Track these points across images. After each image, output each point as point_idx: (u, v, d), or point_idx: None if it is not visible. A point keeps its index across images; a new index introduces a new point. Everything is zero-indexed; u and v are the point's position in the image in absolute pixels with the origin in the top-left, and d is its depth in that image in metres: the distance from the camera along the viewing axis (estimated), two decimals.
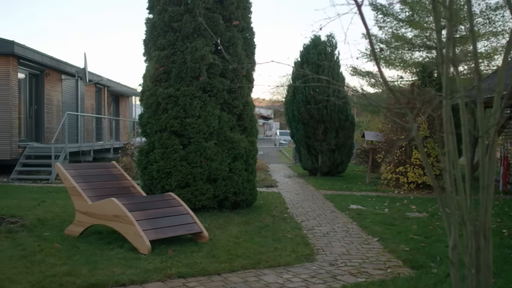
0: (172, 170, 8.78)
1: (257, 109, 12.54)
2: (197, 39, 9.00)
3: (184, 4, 9.14)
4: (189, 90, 8.82)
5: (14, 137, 15.80)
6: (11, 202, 10.01)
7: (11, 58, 15.66)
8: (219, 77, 9.12)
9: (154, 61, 9.08)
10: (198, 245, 6.57)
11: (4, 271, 5.34)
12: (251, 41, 9.85)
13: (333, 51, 17.20)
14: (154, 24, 9.29)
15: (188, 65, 8.84)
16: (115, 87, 26.05)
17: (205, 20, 8.93)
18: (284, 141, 45.37)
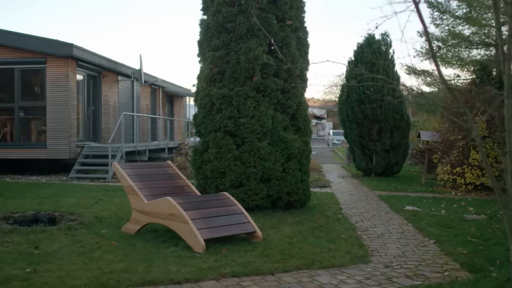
0: (226, 170, 8.84)
1: (310, 109, 12.57)
2: (251, 40, 9.03)
3: (237, 5, 9.19)
4: (243, 90, 8.86)
5: (73, 137, 16.24)
6: (70, 200, 10.29)
7: (70, 60, 16.11)
8: (273, 77, 9.13)
9: (208, 62, 9.17)
10: (251, 244, 6.59)
11: (64, 267, 5.50)
12: (305, 41, 9.81)
13: (387, 49, 16.94)
14: (208, 25, 9.37)
15: (242, 66, 8.89)
16: (170, 88, 26.44)
17: (259, 20, 8.96)
18: (338, 141, 45.01)
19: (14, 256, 5.93)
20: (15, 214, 8.52)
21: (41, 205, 9.52)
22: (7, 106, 16.88)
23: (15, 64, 16.43)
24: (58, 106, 16.05)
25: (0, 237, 6.89)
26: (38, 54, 16.11)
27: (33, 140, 16.79)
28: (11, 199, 10.49)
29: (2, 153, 16.35)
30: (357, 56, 16.88)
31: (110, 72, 19.48)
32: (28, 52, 16.18)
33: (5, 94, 17.13)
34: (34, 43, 16.09)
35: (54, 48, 15.95)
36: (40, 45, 16.04)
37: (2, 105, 17.17)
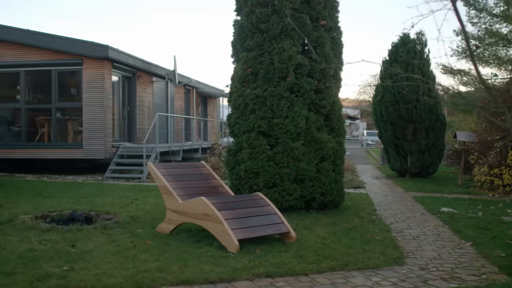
0: (259, 170, 8.85)
1: (343, 109, 12.53)
2: (284, 40, 9.02)
3: (271, 5, 9.18)
4: (277, 91, 8.85)
5: (108, 137, 16.47)
6: (106, 200, 10.43)
7: (105, 61, 16.34)
8: (306, 77, 9.10)
9: (242, 62, 9.18)
10: (285, 245, 6.58)
11: (100, 265, 5.57)
12: (339, 41, 9.76)
13: (423, 49, 16.72)
14: (241, 25, 9.40)
15: (275, 66, 8.88)
16: (203, 89, 26.59)
17: (292, 20, 8.94)
18: (372, 141, 44.64)
19: (52, 254, 6.03)
20: (52, 213, 8.68)
21: (78, 205, 9.68)
22: (45, 107, 17.23)
23: (52, 66, 16.74)
24: (94, 107, 16.30)
25: (39, 235, 7.03)
26: (75, 56, 16.39)
27: (69, 140, 17.08)
28: (48, 198, 10.69)
29: (40, 153, 16.69)
30: (391, 56, 16.71)
31: (145, 73, 19.69)
32: (64, 54, 16.47)
33: (43, 95, 17.49)
34: (70, 45, 16.37)
35: (90, 50, 16.20)
36: (77, 47, 16.31)
37: (40, 106, 17.56)
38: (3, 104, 17.58)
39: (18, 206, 9.45)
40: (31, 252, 6.13)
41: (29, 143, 17.03)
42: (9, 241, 6.69)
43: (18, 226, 7.61)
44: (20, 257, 5.90)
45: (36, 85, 17.71)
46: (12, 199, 10.39)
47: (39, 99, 17.81)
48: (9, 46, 16.94)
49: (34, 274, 5.22)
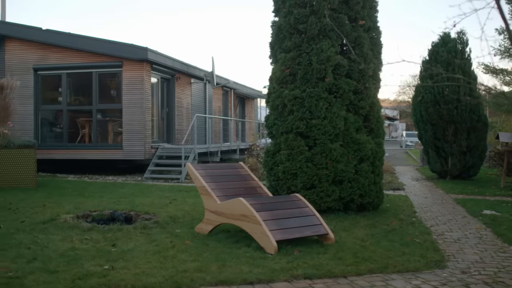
0: (297, 171, 8.82)
1: (382, 110, 12.37)
2: (323, 40, 8.98)
3: (309, 6, 9.15)
4: (315, 92, 8.82)
5: (148, 138, 16.67)
6: (145, 200, 10.56)
7: (144, 63, 16.55)
8: (345, 78, 9.04)
9: (280, 63, 9.18)
10: (324, 246, 6.54)
11: (140, 265, 5.64)
12: (378, 41, 9.66)
13: (464, 48, 16.40)
14: (279, 26, 9.39)
15: (313, 67, 8.84)
16: (241, 90, 26.68)
17: (331, 21, 8.89)
18: (411, 142, 44.07)
19: (93, 253, 6.13)
20: (93, 213, 8.83)
21: (118, 204, 9.82)
22: (86, 108, 17.56)
23: (93, 68, 17.05)
24: (133, 108, 16.53)
25: (80, 234, 7.16)
26: (115, 58, 16.65)
27: (109, 141, 17.37)
28: (89, 198, 10.87)
29: (80, 154, 17.01)
30: (431, 56, 16.45)
31: (183, 75, 19.87)
32: (105, 56, 16.75)
33: (84, 97, 17.83)
34: (111, 47, 16.63)
35: (129, 52, 16.43)
36: (117, 49, 16.57)
37: (81, 108, 17.90)
38: (46, 106, 17.96)
39: (60, 206, 9.65)
40: (73, 251, 6.24)
41: (71, 144, 17.38)
42: (51, 240, 6.83)
43: (61, 225, 7.77)
44: (62, 255, 6.01)
45: (77, 87, 18.06)
46: (54, 199, 10.62)
47: (80, 100, 18.15)
48: (52, 49, 17.32)
49: (76, 272, 5.31)
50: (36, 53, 17.50)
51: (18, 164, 12.86)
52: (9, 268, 5.47)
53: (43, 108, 17.87)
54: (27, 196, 11.03)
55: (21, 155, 12.94)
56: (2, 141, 13.06)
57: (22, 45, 17.67)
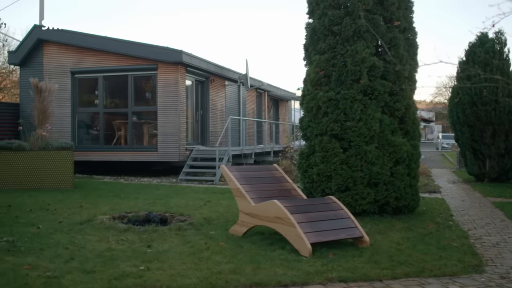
0: (332, 174, 8.77)
1: (417, 112, 12.15)
2: (357, 42, 8.92)
3: (343, 7, 9.10)
4: (350, 93, 8.76)
5: (182, 141, 16.80)
6: (180, 202, 10.63)
7: (179, 66, 16.69)
8: (380, 80, 8.96)
9: (314, 65, 9.14)
10: (358, 249, 6.49)
11: (175, 266, 5.68)
12: (413, 42, 9.55)
13: (502, 48, 16.08)
14: (314, 28, 9.36)
15: (348, 68, 8.79)
16: (275, 92, 26.67)
17: (366, 22, 8.82)
18: (447, 144, 43.45)
19: (129, 254, 6.20)
20: (129, 214, 8.93)
21: (153, 206, 9.92)
22: (122, 111, 17.79)
23: (129, 71, 17.28)
24: (168, 110, 16.69)
25: (116, 235, 7.25)
26: (150, 61, 16.84)
27: (145, 143, 17.56)
28: (125, 199, 11.01)
29: (116, 155, 17.24)
30: (468, 56, 16.18)
31: (217, 77, 19.96)
32: (140, 60, 16.96)
33: (120, 100, 18.07)
34: (146, 50, 16.83)
35: (164, 55, 16.60)
36: (152, 53, 16.75)
37: (117, 110, 18.14)
38: (83, 109, 18.27)
39: (97, 207, 9.79)
40: (109, 251, 6.32)
41: (107, 146, 17.63)
42: (88, 240, 6.94)
43: (97, 226, 7.88)
44: (99, 256, 6.10)
45: (113, 90, 18.32)
46: (91, 200, 10.78)
47: (116, 103, 18.40)
48: (88, 52, 17.61)
49: (112, 273, 5.38)
50: (73, 57, 17.82)
51: (56, 166, 13.10)
52: (48, 267, 5.58)
53: (80, 110, 18.17)
54: (64, 197, 11.23)
55: (59, 157, 13.18)
56: (40, 143, 13.33)
57: (60, 49, 18.02)
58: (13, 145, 13.10)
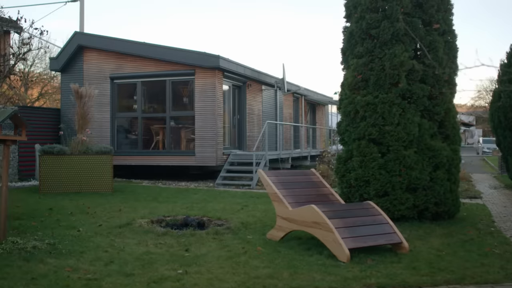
0: (370, 179, 8.69)
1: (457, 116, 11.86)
2: (395, 45, 8.82)
3: (381, 11, 9.02)
4: (388, 97, 8.67)
5: (219, 145, 16.88)
6: (217, 206, 10.68)
7: (216, 71, 16.79)
8: (419, 83, 8.84)
9: (352, 69, 9.08)
10: (397, 255, 6.40)
11: (212, 270, 5.70)
12: (453, 45, 9.40)
13: None
14: (351, 32, 9.30)
15: (386, 72, 8.70)
16: (312, 96, 26.60)
17: (404, 25, 8.73)
18: (488, 149, 42.62)
19: (167, 257, 6.26)
20: (167, 218, 9.01)
21: (191, 210, 9.98)
22: (160, 116, 18.00)
23: (167, 76, 17.47)
24: (205, 115, 16.80)
25: (154, 239, 7.32)
26: (188, 66, 16.99)
27: (182, 148, 17.71)
28: (163, 203, 11.11)
29: (155, 160, 17.43)
30: (510, 59, 15.83)
31: (254, 82, 20.01)
32: (178, 65, 17.12)
33: (158, 105, 18.29)
34: (184, 56, 16.98)
35: (202, 60, 16.72)
36: (189, 58, 16.90)
37: (155, 115, 18.36)
38: (122, 114, 18.54)
39: (135, 211, 9.91)
40: (148, 254, 6.39)
41: (145, 150, 17.84)
42: (127, 243, 7.02)
43: (136, 230, 7.98)
44: (137, 259, 6.17)
45: (151, 95, 18.55)
46: (130, 204, 10.92)
47: (154, 108, 18.62)
48: (127, 58, 17.88)
49: (150, 276, 5.44)
50: (113, 62, 18.11)
51: (96, 170, 13.32)
52: (88, 270, 5.67)
53: (119, 115, 18.44)
54: (104, 201, 11.40)
55: (99, 161, 13.39)
56: (81, 148, 13.58)
57: (100, 55, 18.34)
58: (55, 150, 13.38)
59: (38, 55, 31.36)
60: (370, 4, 8.99)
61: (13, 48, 7.59)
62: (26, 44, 7.38)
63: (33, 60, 31.53)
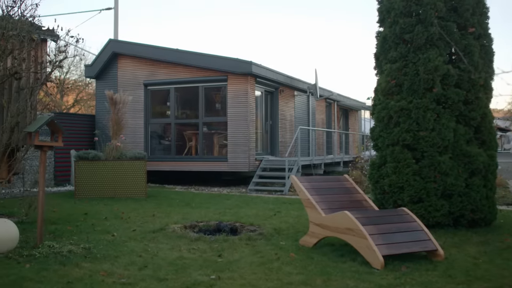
0: (404, 185, 8.58)
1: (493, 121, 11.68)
2: (430, 50, 8.72)
3: (415, 15, 8.93)
4: (422, 103, 8.56)
5: (252, 151, 16.91)
6: (250, 211, 10.69)
7: (249, 77, 16.84)
8: (454, 88, 8.71)
9: (386, 74, 9.01)
10: (432, 263, 6.31)
11: (245, 276, 5.70)
12: (489, 49, 9.24)
13: None
14: (384, 37, 9.23)
15: (420, 77, 8.60)
16: (345, 102, 26.47)
17: (439, 29, 8.63)
18: None
19: (200, 262, 6.28)
20: (200, 223, 9.06)
21: (223, 215, 10.01)
22: (193, 122, 18.14)
23: (199, 82, 17.60)
24: (238, 121, 16.86)
25: (187, 244, 7.36)
26: (220, 73, 17.08)
27: (215, 153, 17.79)
28: (196, 209, 11.17)
29: (187, 165, 17.55)
30: None
31: (287, 88, 20.01)
32: (211, 71, 17.23)
33: (191, 111, 18.43)
34: (216, 62, 17.09)
35: (234, 66, 16.80)
36: (222, 64, 16.99)
37: (188, 121, 18.51)
38: (155, 120, 18.73)
39: (168, 216, 9.98)
40: (181, 260, 6.43)
41: (178, 156, 17.98)
42: (161, 248, 7.08)
43: (169, 235, 8.03)
44: (171, 264, 6.21)
45: (184, 101, 18.70)
46: (163, 209, 11.00)
47: (187, 114, 18.77)
48: (160, 65, 18.08)
49: (184, 281, 5.46)
50: (146, 69, 18.33)
51: (130, 175, 13.47)
52: (122, 274, 5.73)
53: (152, 121, 18.63)
54: (138, 206, 11.52)
55: (133, 166, 13.55)
56: (115, 153, 13.75)
57: (133, 61, 18.58)
58: (90, 155, 13.58)
59: (73, 62, 31.98)
60: (403, 8, 8.91)
61: (49, 55, 7.73)
62: (63, 52, 7.52)
63: (69, 67, 32.16)
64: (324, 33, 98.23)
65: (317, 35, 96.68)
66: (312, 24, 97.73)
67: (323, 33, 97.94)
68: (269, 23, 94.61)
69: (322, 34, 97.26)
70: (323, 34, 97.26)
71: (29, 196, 10.30)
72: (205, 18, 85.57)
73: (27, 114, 8.17)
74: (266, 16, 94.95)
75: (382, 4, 9.41)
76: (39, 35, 7.74)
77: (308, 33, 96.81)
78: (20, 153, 8.09)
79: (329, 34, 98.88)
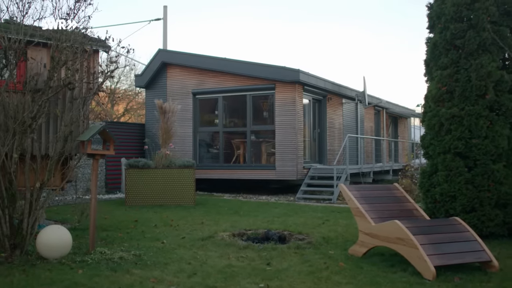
0: (456, 194, 8.39)
1: None
2: (482, 55, 8.53)
3: (466, 20, 8.75)
4: (474, 110, 8.37)
5: (300, 159, 16.85)
6: (298, 220, 10.64)
7: (296, 85, 16.81)
8: (508, 94, 8.49)
9: (436, 81, 8.84)
10: (487, 274, 6.13)
11: (294, 285, 5.68)
12: None
13: None
14: (435, 43, 9.07)
15: (472, 83, 8.41)
16: (394, 109, 26.13)
17: (492, 34, 8.43)
18: None
19: (249, 271, 6.28)
20: (248, 231, 9.07)
21: (271, 224, 9.99)
22: (240, 130, 18.20)
23: (247, 91, 17.67)
24: (285, 129, 16.84)
25: (236, 252, 7.38)
26: (268, 81, 17.11)
27: (263, 162, 17.79)
28: (244, 217, 11.19)
29: (235, 174, 17.62)
30: None
31: (335, 95, 19.89)
32: (258, 79, 17.28)
33: (239, 119, 18.51)
34: (264, 70, 17.13)
35: (282, 74, 16.80)
36: (269, 72, 17.02)
37: (235, 130, 18.59)
38: (203, 128, 18.90)
39: (217, 224, 10.04)
40: (230, 267, 6.45)
41: (226, 164, 18.07)
42: (210, 256, 7.12)
43: (218, 243, 8.07)
44: (220, 272, 6.23)
45: (232, 110, 18.82)
46: (211, 217, 11.07)
47: (235, 122, 18.86)
48: (208, 74, 18.25)
49: None
50: (195, 78, 18.53)
51: (179, 183, 13.63)
52: (172, 281, 5.78)
53: (201, 130, 18.81)
54: (187, 214, 11.63)
55: (182, 174, 13.70)
56: (164, 162, 13.94)
57: (182, 71, 18.82)
58: (140, 163, 13.80)
59: (123, 72, 32.63)
60: (454, 13, 8.75)
61: (101, 66, 7.91)
62: (114, 62, 7.66)
63: (119, 77, 32.85)
64: (372, 40, 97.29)
65: (365, 42, 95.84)
66: (360, 31, 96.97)
67: (371, 40, 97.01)
68: (316, 31, 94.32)
69: (370, 41, 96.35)
70: (371, 41, 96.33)
71: (81, 203, 10.54)
72: (252, 26, 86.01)
73: (80, 124, 8.37)
74: (313, 24, 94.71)
75: (432, 9, 9.27)
76: (91, 46, 7.92)
77: (356, 40, 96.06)
78: (73, 161, 8.28)
79: (377, 40, 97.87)
